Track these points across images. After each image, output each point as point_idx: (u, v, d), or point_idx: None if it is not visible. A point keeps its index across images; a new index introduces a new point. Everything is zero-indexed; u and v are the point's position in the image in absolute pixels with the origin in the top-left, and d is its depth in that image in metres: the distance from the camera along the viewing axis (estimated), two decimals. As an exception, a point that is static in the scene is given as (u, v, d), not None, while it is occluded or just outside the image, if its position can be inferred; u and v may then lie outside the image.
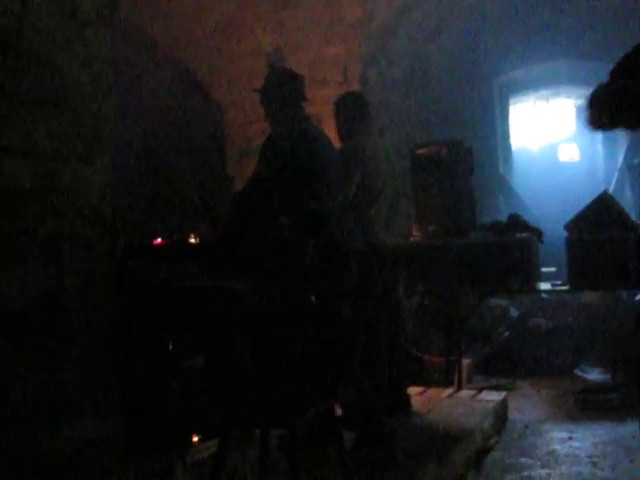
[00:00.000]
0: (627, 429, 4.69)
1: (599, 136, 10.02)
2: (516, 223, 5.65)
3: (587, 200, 5.40)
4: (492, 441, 4.65)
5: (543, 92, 10.32)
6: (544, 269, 6.06)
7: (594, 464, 4.19)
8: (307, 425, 3.36)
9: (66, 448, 2.50)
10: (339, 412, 3.49)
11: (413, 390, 5.37)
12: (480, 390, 5.49)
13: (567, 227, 5.44)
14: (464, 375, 5.75)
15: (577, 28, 8.15)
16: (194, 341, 3.52)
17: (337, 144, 4.55)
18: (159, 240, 4.10)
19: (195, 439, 3.63)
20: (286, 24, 6.20)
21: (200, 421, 3.60)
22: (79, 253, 2.60)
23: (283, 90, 3.93)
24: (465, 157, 5.79)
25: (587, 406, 5.49)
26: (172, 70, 6.72)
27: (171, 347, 3.55)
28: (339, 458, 2.94)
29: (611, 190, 7.26)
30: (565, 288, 5.63)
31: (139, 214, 5.77)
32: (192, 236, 4.13)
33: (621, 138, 9.44)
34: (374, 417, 3.86)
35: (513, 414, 5.38)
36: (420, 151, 5.84)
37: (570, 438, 4.75)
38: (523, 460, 4.39)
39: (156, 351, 3.54)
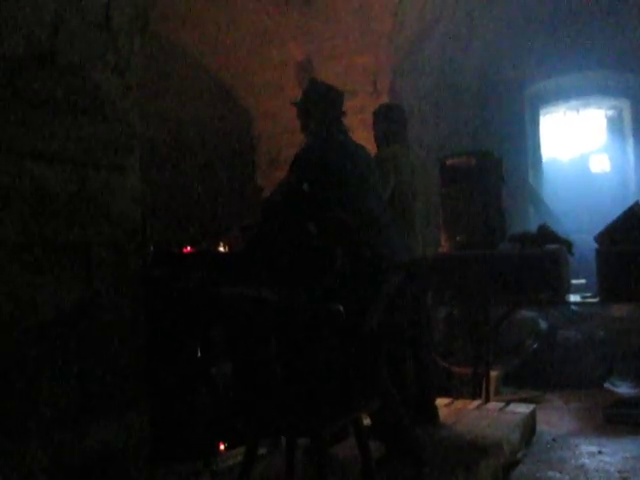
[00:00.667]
0: (658, 444, 4.64)
1: (630, 147, 9.91)
2: (546, 234, 5.61)
3: (618, 211, 5.34)
4: (520, 454, 4.60)
5: (573, 103, 10.24)
6: (574, 281, 6.00)
7: (624, 479, 4.14)
8: (334, 435, 3.36)
9: (92, 455, 2.52)
10: (367, 423, 3.48)
11: (440, 401, 5.34)
12: (508, 402, 5.44)
13: (597, 238, 5.38)
14: (492, 387, 5.71)
15: (607, 38, 8.10)
16: (222, 348, 3.54)
17: (373, 152, 4.59)
18: (189, 248, 4.13)
19: (222, 447, 3.64)
20: (316, 34, 6.23)
21: (227, 429, 3.61)
22: (109, 260, 2.63)
23: (322, 105, 3.90)
24: (495, 168, 5.77)
25: (617, 420, 5.42)
26: (203, 79, 6.78)
27: (199, 354, 3.57)
28: (365, 470, 2.93)
29: (642, 202, 7.19)
30: (595, 300, 5.57)
31: (169, 222, 5.82)
32: (221, 244, 4.16)
33: (653, 149, 9.35)
34: (401, 429, 3.84)
35: (542, 427, 5.33)
36: (449, 161, 5.82)
37: (600, 452, 4.69)
38: (551, 474, 4.34)
39: (184, 358, 3.56)
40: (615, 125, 10.54)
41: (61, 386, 2.43)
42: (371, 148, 5.31)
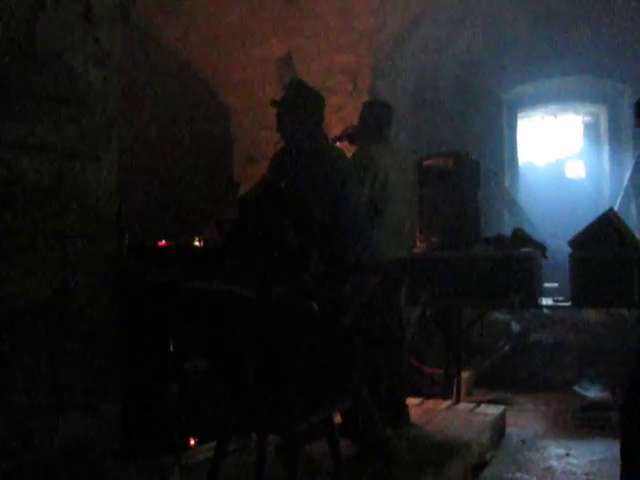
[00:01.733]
0: (625, 448, 4.69)
1: (606, 154, 10.02)
2: (520, 238, 5.64)
3: (592, 217, 5.39)
4: (489, 455, 4.64)
5: (551, 107, 10.33)
6: (547, 284, 6.05)
7: (590, 482, 4.19)
8: (305, 433, 3.36)
9: (63, 446, 2.50)
10: (337, 421, 3.49)
11: (411, 401, 5.36)
12: (479, 403, 5.48)
13: (571, 243, 5.43)
14: (463, 388, 5.75)
15: (587, 44, 8.16)
16: (195, 343, 3.53)
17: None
18: (164, 242, 4.11)
19: (192, 442, 3.63)
20: (297, 31, 6.22)
21: (198, 424, 3.60)
22: (83, 251, 2.61)
23: (305, 107, 3.88)
24: (472, 170, 5.80)
25: (585, 423, 5.48)
26: (182, 74, 6.74)
27: (172, 348, 3.56)
28: (335, 467, 2.94)
29: (616, 208, 7.26)
30: (567, 304, 5.61)
31: (146, 215, 5.79)
32: (197, 239, 4.14)
33: (628, 157, 9.44)
34: (371, 427, 3.85)
35: (511, 429, 5.37)
36: (427, 162, 5.84)
37: (567, 455, 4.74)
38: (519, 475, 4.38)
39: (157, 352, 3.54)
40: (592, 131, 10.65)
41: (32, 376, 2.41)
42: (349, 147, 5.35)
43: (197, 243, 4.17)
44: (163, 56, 6.50)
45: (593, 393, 6.14)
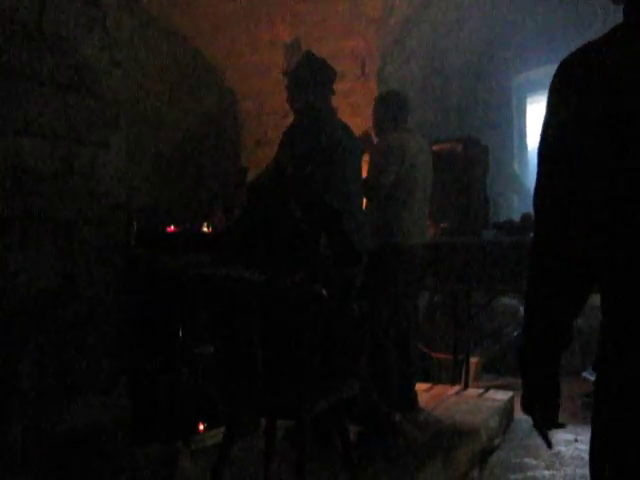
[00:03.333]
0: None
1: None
2: (529, 223, 5.63)
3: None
4: (497, 440, 4.64)
5: (561, 92, 10.27)
6: (556, 270, 6.03)
7: (598, 467, 4.18)
8: (314, 417, 3.37)
9: (73, 433, 2.51)
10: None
11: (420, 386, 5.36)
12: (487, 389, 5.49)
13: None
14: (472, 373, 5.75)
15: (599, 27, 8.09)
16: (205, 329, 3.54)
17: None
18: (172, 228, 4.12)
19: (201, 427, 3.64)
20: (305, 16, 6.19)
21: (207, 408, 3.61)
22: (92, 238, 2.61)
23: (315, 79, 3.86)
24: (481, 155, 5.79)
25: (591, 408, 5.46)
26: (190, 59, 6.73)
27: (181, 334, 3.57)
28: (344, 452, 2.95)
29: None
30: (576, 290, 5.60)
31: (154, 201, 5.79)
32: (205, 225, 4.15)
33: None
34: (379, 412, 3.86)
35: (519, 414, 5.35)
36: (436, 147, 5.82)
37: (575, 440, 4.73)
38: (527, 460, 4.38)
39: (166, 337, 3.55)
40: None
41: (42, 364, 2.42)
42: (357, 132, 5.33)
43: (205, 229, 4.17)
44: (170, 41, 6.47)
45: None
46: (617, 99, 1.38)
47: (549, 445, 1.68)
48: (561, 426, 1.67)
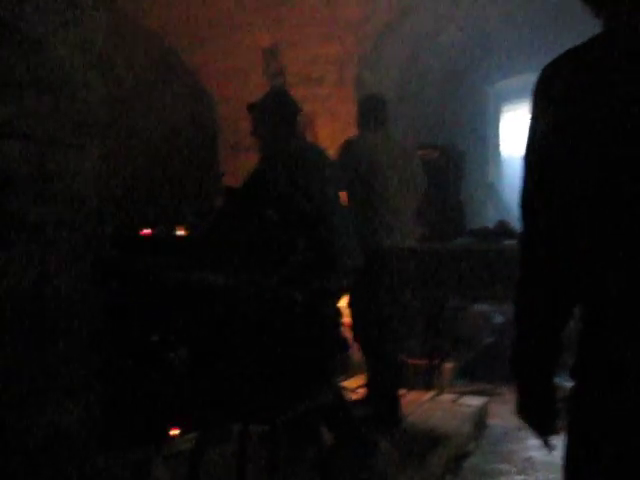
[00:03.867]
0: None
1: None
2: (504, 230, 5.66)
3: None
4: (471, 446, 4.66)
5: (536, 101, 10.34)
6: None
7: (570, 472, 4.21)
8: (288, 424, 3.36)
9: (41, 438, 2.48)
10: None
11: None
12: (461, 395, 5.51)
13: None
14: (446, 379, 5.77)
15: (575, 39, 8.16)
16: (178, 333, 3.51)
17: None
18: (146, 231, 4.09)
19: (174, 432, 3.62)
20: (284, 21, 6.20)
21: (180, 414, 3.59)
22: (65, 240, 2.58)
23: (279, 113, 3.89)
24: (457, 162, 5.82)
25: (565, 414, 5.50)
26: (167, 61, 6.70)
27: (154, 338, 3.54)
28: (318, 458, 2.94)
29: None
30: (550, 297, 5.64)
31: (129, 204, 5.76)
32: (180, 228, 4.12)
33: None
34: (351, 418, 3.87)
35: (493, 420, 5.40)
36: (412, 153, 5.84)
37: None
38: (501, 466, 4.41)
39: (140, 341, 3.53)
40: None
41: (10, 365, 2.39)
42: (335, 137, 5.34)
43: (180, 232, 4.15)
44: (149, 44, 6.45)
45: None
46: (598, 107, 1.38)
47: (550, 448, 1.70)
48: (557, 433, 1.68)
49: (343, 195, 4.27)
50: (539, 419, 1.69)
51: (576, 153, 1.41)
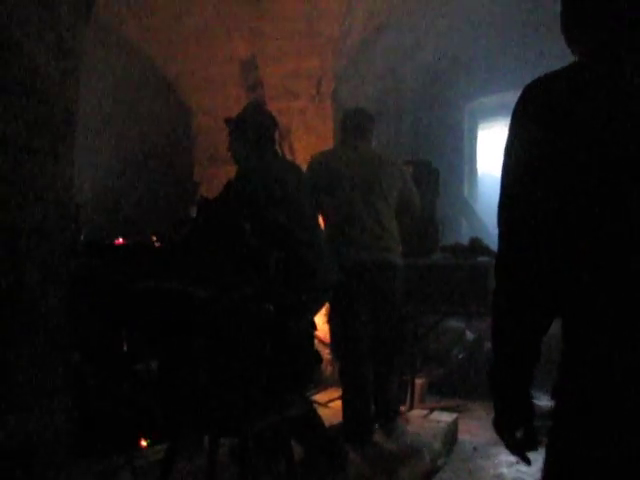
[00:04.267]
0: (574, 457, 4.74)
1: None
2: (477, 247, 5.69)
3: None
4: (440, 462, 4.66)
5: (512, 120, 10.43)
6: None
7: (539, 489, 4.23)
8: (258, 436, 3.35)
9: (8, 448, 2.44)
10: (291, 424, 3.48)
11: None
12: (432, 410, 5.52)
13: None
14: (417, 394, 5.78)
15: (551, 58, 8.26)
16: (149, 344, 3.49)
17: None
18: (120, 240, 4.07)
19: (143, 443, 3.59)
20: (262, 34, 6.21)
21: (150, 424, 3.56)
22: (38, 247, 2.56)
23: (258, 132, 3.89)
24: (431, 178, 5.84)
25: (536, 432, 5.53)
26: (144, 71, 6.68)
27: (125, 348, 3.52)
28: (288, 472, 2.93)
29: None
30: (522, 314, 5.68)
31: (103, 213, 5.72)
32: (154, 238, 4.10)
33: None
34: (321, 432, 3.86)
35: (463, 436, 5.41)
36: (387, 169, 5.86)
37: (517, 462, 4.76)
38: (470, 482, 4.42)
39: (110, 351, 3.50)
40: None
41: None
42: (311, 150, 5.36)
43: (154, 242, 4.13)
44: (125, 52, 6.43)
45: (544, 402, 6.18)
46: (571, 131, 1.49)
47: (527, 462, 1.72)
48: (535, 448, 1.70)
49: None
50: (513, 434, 1.70)
51: (548, 166, 1.51)
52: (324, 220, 4.60)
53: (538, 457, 4.91)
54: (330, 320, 4.66)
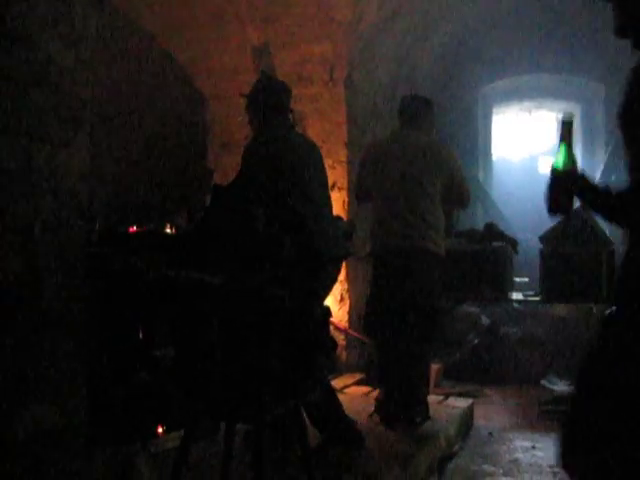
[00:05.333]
0: (590, 442, 4.73)
1: (578, 152, 10.10)
2: (492, 232, 5.68)
3: (564, 213, 5.42)
4: (456, 447, 4.67)
5: (526, 104, 10.38)
6: (517, 279, 6.10)
7: (554, 474, 4.23)
8: (274, 422, 3.36)
9: (27, 436, 2.47)
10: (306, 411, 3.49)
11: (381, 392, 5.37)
12: (447, 396, 5.52)
13: (542, 239, 5.47)
14: (432, 380, 5.77)
15: (564, 44, 8.22)
16: (165, 331, 3.51)
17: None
18: (134, 228, 4.08)
19: (160, 430, 3.61)
20: (275, 20, 6.18)
21: (166, 411, 3.58)
22: (53, 236, 2.57)
23: (270, 100, 3.91)
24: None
25: (551, 417, 5.53)
26: (158, 59, 6.68)
27: (141, 336, 3.54)
28: (303, 457, 2.94)
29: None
30: (537, 299, 5.67)
31: (118, 201, 5.74)
32: (168, 226, 4.12)
33: (600, 155, 9.53)
34: (341, 418, 3.87)
35: (479, 421, 5.41)
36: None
37: (533, 447, 4.79)
38: (486, 467, 4.42)
39: (126, 339, 3.52)
40: (565, 128, 10.71)
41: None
42: (324, 136, 5.36)
43: (168, 230, 4.15)
44: (139, 40, 6.43)
45: (560, 387, 6.20)
46: None
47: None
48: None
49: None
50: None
51: None
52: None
53: (553, 443, 4.92)
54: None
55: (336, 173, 6.28)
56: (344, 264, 4.23)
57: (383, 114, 7.17)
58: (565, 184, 2.13)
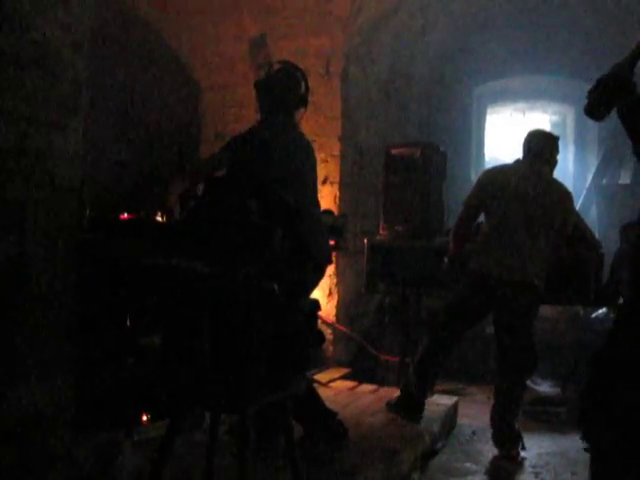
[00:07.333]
0: (571, 442, 4.76)
1: (571, 154, 10.12)
2: (481, 231, 5.68)
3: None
4: (439, 444, 4.69)
5: (520, 105, 10.38)
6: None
7: (536, 474, 4.26)
8: (259, 414, 3.36)
9: (13, 420, 2.46)
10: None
11: (365, 388, 5.41)
12: (432, 393, 5.53)
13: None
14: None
15: (559, 45, 8.23)
16: (152, 319, 3.50)
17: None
18: (125, 215, 4.07)
19: (145, 418, 3.61)
20: (272, 11, 6.17)
21: (152, 400, 3.58)
22: (45, 220, 2.56)
23: (274, 92, 3.88)
24: (438, 161, 5.83)
25: (535, 417, 5.57)
26: (154, 48, 6.65)
27: (129, 323, 3.53)
28: (287, 449, 2.94)
29: (578, 208, 7.35)
30: (524, 300, 5.68)
31: (109, 187, 5.72)
32: (159, 214, 4.11)
33: (591, 158, 9.56)
34: (321, 411, 3.88)
35: (462, 419, 5.43)
36: (394, 151, 5.86)
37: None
38: (468, 465, 4.44)
39: (114, 326, 3.51)
40: (558, 130, 10.73)
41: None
42: (319, 130, 5.34)
43: (159, 218, 4.13)
44: (134, 28, 6.39)
45: (544, 388, 6.23)
46: None
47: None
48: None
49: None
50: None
51: None
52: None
53: (535, 443, 4.96)
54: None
55: (329, 167, 6.29)
56: (333, 258, 4.23)
57: (378, 109, 7.18)
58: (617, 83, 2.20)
